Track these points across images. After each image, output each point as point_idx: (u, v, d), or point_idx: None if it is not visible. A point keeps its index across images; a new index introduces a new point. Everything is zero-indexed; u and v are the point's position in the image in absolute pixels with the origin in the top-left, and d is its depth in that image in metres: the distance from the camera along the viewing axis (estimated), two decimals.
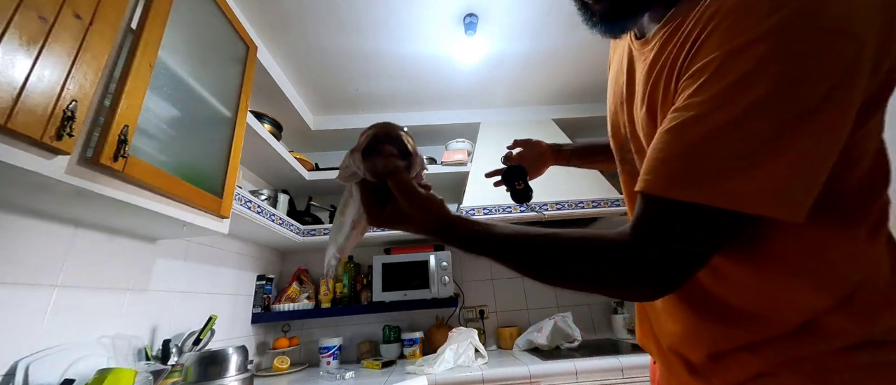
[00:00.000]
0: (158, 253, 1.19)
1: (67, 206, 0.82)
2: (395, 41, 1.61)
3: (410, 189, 0.45)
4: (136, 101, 0.77)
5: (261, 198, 1.59)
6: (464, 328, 1.61)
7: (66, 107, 0.62)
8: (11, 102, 0.55)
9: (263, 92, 1.70)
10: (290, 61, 1.69)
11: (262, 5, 1.39)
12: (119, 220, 0.95)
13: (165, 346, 1.09)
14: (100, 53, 0.70)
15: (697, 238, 0.35)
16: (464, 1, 1.44)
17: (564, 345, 1.66)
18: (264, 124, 1.57)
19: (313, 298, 1.89)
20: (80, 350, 0.87)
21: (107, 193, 0.73)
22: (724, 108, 0.33)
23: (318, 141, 2.20)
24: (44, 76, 0.60)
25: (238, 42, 1.26)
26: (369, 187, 0.47)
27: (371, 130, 0.46)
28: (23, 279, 0.80)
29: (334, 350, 1.72)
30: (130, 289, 1.07)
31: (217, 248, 1.49)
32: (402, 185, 0.45)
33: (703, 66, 0.36)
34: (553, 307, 2.02)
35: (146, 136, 0.83)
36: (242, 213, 1.29)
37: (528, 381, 1.33)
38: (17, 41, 0.57)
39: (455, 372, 1.37)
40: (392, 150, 0.46)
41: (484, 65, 1.81)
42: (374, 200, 0.47)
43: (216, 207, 1.02)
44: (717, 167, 0.33)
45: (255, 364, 1.70)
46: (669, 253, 0.36)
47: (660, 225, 0.37)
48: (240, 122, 1.18)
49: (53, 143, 0.60)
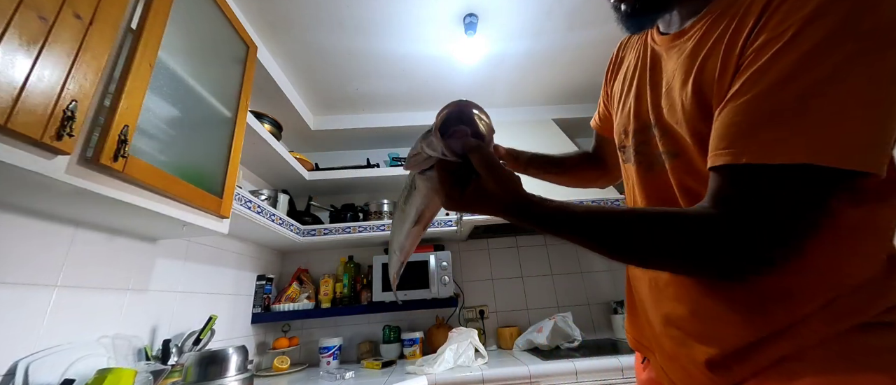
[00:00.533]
0: (158, 253, 1.19)
1: (67, 205, 0.82)
2: (395, 41, 1.61)
3: (495, 164, 0.44)
4: (136, 101, 0.77)
5: (261, 198, 1.59)
6: (464, 328, 1.61)
7: (66, 107, 0.62)
8: (11, 102, 0.55)
9: (263, 92, 1.70)
10: (290, 61, 1.69)
11: (262, 5, 1.39)
12: (119, 219, 0.95)
13: (165, 346, 1.09)
14: (100, 53, 0.70)
15: (806, 200, 0.34)
16: (464, 1, 1.44)
17: (564, 345, 1.66)
18: (264, 124, 1.57)
19: (313, 298, 1.89)
20: (80, 350, 0.87)
21: (107, 193, 0.73)
22: (811, 69, 0.33)
23: (318, 141, 2.20)
24: (44, 76, 0.60)
25: (238, 42, 1.26)
26: (447, 169, 0.46)
27: (445, 111, 0.44)
28: (23, 279, 0.80)
29: (334, 350, 1.72)
30: (130, 289, 1.07)
31: (217, 248, 1.49)
32: (487, 161, 0.44)
33: (777, 36, 0.35)
34: (553, 307, 2.02)
35: (146, 136, 0.83)
36: (242, 213, 1.29)
37: (528, 381, 1.33)
38: (17, 41, 0.57)
39: (455, 372, 1.37)
40: (467, 130, 0.45)
41: (484, 65, 1.81)
42: (453, 181, 0.46)
43: (216, 207, 1.02)
44: (814, 127, 0.32)
45: (255, 364, 1.70)
46: (777, 221, 0.34)
47: (760, 193, 0.35)
48: (240, 122, 1.18)
49: (53, 143, 0.60)
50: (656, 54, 0.54)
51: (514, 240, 2.17)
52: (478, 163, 0.44)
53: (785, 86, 0.34)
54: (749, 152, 0.35)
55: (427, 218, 0.52)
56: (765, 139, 0.34)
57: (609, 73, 0.72)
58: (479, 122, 0.46)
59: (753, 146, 0.35)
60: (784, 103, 0.34)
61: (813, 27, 0.33)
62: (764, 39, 0.36)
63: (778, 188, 0.34)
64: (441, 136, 0.44)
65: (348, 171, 2.01)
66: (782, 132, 0.34)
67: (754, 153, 0.35)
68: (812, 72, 0.33)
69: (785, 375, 0.39)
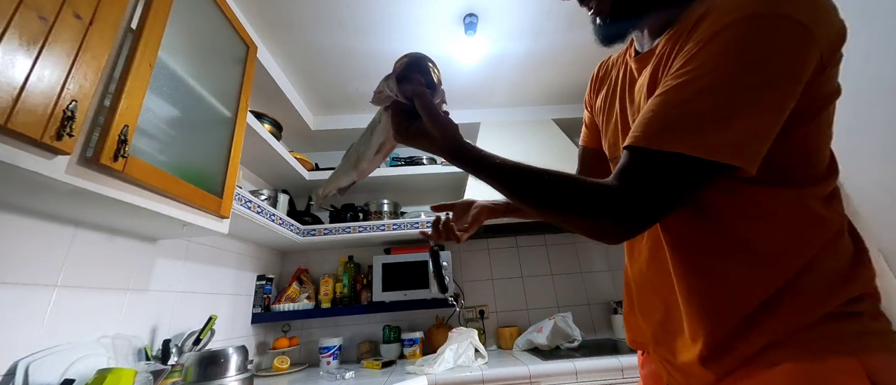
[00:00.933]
0: (158, 253, 1.19)
1: (67, 205, 0.82)
2: (395, 41, 1.61)
3: (434, 110, 0.53)
4: (136, 101, 0.77)
5: (261, 198, 1.59)
6: (464, 328, 1.61)
7: (66, 107, 0.62)
8: (11, 102, 0.55)
9: (263, 92, 1.70)
10: (290, 61, 1.69)
11: (262, 5, 1.39)
12: (119, 219, 0.95)
13: (165, 346, 1.09)
14: (100, 53, 0.70)
15: (678, 181, 0.42)
16: (464, 1, 1.44)
17: (564, 345, 1.66)
18: (264, 124, 1.57)
19: (313, 298, 1.89)
20: (80, 350, 0.87)
21: (107, 193, 0.73)
22: (699, 78, 0.41)
23: (318, 141, 2.20)
24: (44, 76, 0.60)
25: (238, 42, 1.26)
26: (400, 108, 0.55)
27: (405, 59, 0.54)
28: (23, 279, 0.80)
29: (334, 350, 1.72)
30: (130, 289, 1.07)
31: (217, 248, 1.49)
32: (428, 106, 0.52)
33: (688, 50, 0.44)
34: (553, 307, 2.02)
35: (146, 136, 0.83)
36: (242, 213, 1.29)
37: (528, 381, 1.33)
38: (17, 41, 0.57)
39: (455, 372, 1.37)
40: (420, 78, 0.54)
41: (484, 65, 1.81)
42: (402, 118, 0.55)
43: (216, 207, 1.02)
44: (693, 125, 0.41)
45: (255, 364, 1.70)
46: (653, 194, 0.43)
47: (646, 171, 0.43)
48: (240, 122, 1.18)
49: (53, 143, 0.60)
50: (632, 75, 0.61)
51: (514, 240, 2.17)
52: (420, 106, 0.52)
53: (678, 90, 0.42)
54: (645, 138, 0.43)
55: (387, 149, 0.61)
56: (656, 129, 0.43)
57: (592, 87, 0.77)
58: (431, 73, 0.54)
59: (649, 134, 0.43)
60: (673, 103, 0.42)
61: (711, 43, 0.41)
62: (682, 53, 0.45)
63: (659, 168, 0.42)
64: (397, 82, 0.53)
65: None
66: (669, 126, 0.42)
67: (648, 140, 0.43)
68: (699, 80, 0.41)
69: (767, 362, 0.44)
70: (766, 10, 0.39)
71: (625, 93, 0.62)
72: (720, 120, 0.40)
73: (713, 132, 0.40)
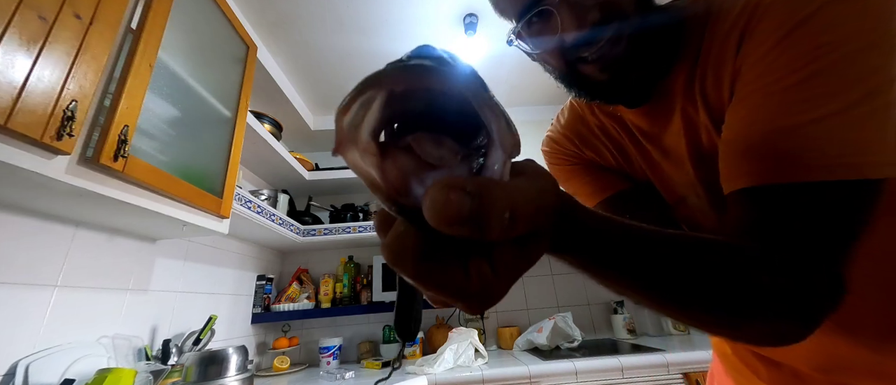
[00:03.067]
0: (158, 253, 1.19)
1: (67, 205, 0.82)
2: (395, 41, 1.61)
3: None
4: (136, 101, 0.77)
5: (261, 198, 1.59)
6: (464, 328, 1.61)
7: (66, 107, 0.62)
8: (11, 102, 0.55)
9: (263, 92, 1.70)
10: (290, 61, 1.69)
11: (262, 5, 1.39)
12: (119, 219, 0.95)
13: (165, 346, 1.09)
14: (100, 53, 0.70)
15: (852, 218, 0.30)
16: (464, 1, 1.44)
17: (564, 345, 1.66)
18: (264, 124, 1.57)
19: (313, 298, 1.89)
20: (80, 350, 0.87)
21: (107, 193, 0.73)
22: (818, 78, 0.30)
23: (318, 141, 2.20)
24: (44, 76, 0.60)
25: (238, 42, 1.26)
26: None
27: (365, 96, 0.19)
28: (23, 279, 0.80)
29: (334, 350, 1.72)
30: (130, 289, 1.07)
31: (217, 248, 1.49)
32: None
33: (769, 49, 0.33)
34: (553, 307, 2.02)
35: (146, 136, 0.83)
36: (242, 213, 1.29)
37: (528, 381, 1.33)
38: (17, 41, 0.57)
39: (455, 372, 1.37)
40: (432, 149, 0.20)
41: (484, 65, 1.81)
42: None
43: (216, 207, 1.02)
44: (850, 139, 0.29)
45: (255, 364, 1.70)
46: (822, 246, 0.30)
47: (804, 213, 0.30)
48: (240, 122, 1.18)
49: (53, 143, 0.60)
50: (635, 128, 0.50)
51: None
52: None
53: (793, 99, 0.32)
54: (783, 170, 0.31)
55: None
56: (793, 156, 0.31)
57: (572, 148, 0.62)
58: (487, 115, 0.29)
59: (787, 164, 0.31)
60: (800, 119, 0.31)
61: (809, 30, 0.31)
62: (756, 56, 0.34)
63: (820, 205, 0.30)
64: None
65: (348, 171, 2.00)
66: (814, 147, 0.30)
67: (791, 171, 0.31)
68: (819, 81, 0.31)
69: None
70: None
71: (651, 146, 0.50)
72: (874, 125, 0.30)
73: (874, 143, 0.29)
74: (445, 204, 0.16)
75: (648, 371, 1.33)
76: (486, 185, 0.16)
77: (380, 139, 0.20)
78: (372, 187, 0.19)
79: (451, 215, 0.16)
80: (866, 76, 0.29)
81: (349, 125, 0.18)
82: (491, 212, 0.16)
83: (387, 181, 0.19)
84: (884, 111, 0.29)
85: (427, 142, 0.20)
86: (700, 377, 1.30)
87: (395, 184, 0.19)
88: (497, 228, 0.17)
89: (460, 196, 0.16)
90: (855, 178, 0.29)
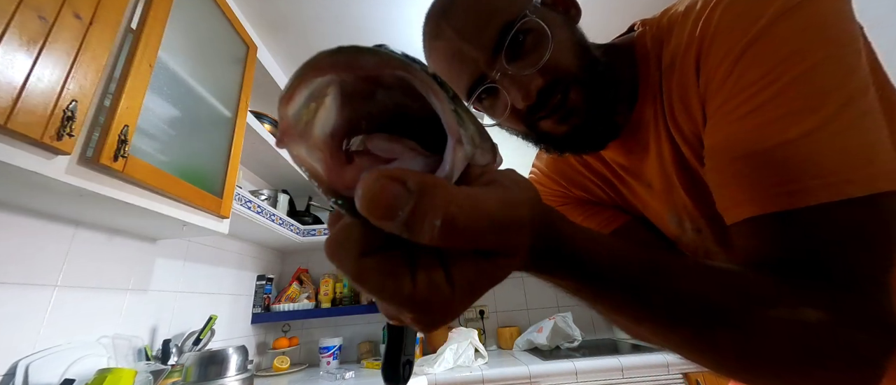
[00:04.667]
0: (158, 253, 1.19)
1: (67, 205, 0.82)
2: (395, 41, 1.61)
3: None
4: (136, 101, 0.77)
5: (261, 198, 1.59)
6: (464, 328, 1.61)
7: (66, 107, 0.62)
8: (11, 102, 0.55)
9: (263, 92, 1.70)
10: (290, 61, 1.69)
11: (262, 5, 1.39)
12: (119, 219, 0.95)
13: (165, 346, 1.09)
14: (100, 53, 0.70)
15: (890, 237, 0.27)
16: None
17: (564, 345, 1.66)
18: (264, 124, 1.57)
19: (313, 298, 1.89)
20: (80, 350, 0.87)
21: (107, 193, 0.73)
22: (791, 89, 0.29)
23: None
24: (44, 76, 0.60)
25: (238, 42, 1.26)
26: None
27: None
28: (23, 279, 0.80)
29: (334, 350, 1.72)
30: (130, 289, 1.07)
31: (217, 248, 1.49)
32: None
33: (729, 72, 0.31)
34: (553, 307, 2.02)
35: (146, 136, 0.83)
36: (242, 213, 1.29)
37: (528, 381, 1.33)
38: (17, 41, 0.57)
39: (455, 372, 1.37)
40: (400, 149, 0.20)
41: None
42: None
43: (216, 207, 1.02)
44: (862, 152, 0.27)
45: (255, 364, 1.70)
46: (863, 271, 0.26)
47: (837, 235, 0.27)
48: (240, 122, 1.18)
49: (53, 143, 0.60)
50: (617, 167, 0.50)
51: None
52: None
53: (786, 121, 0.30)
54: (805, 193, 0.28)
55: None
56: (808, 178, 0.28)
57: (561, 190, 0.60)
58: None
59: (811, 187, 0.28)
60: (806, 141, 0.29)
61: (770, 46, 0.30)
62: (723, 81, 0.32)
63: (853, 226, 0.27)
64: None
65: None
66: (828, 167, 0.28)
67: (814, 193, 0.28)
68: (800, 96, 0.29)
69: None
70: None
71: (633, 181, 0.50)
72: (874, 136, 0.28)
73: (880, 154, 0.28)
74: (379, 193, 0.15)
75: (648, 371, 1.33)
76: (427, 184, 0.15)
77: (350, 146, 0.19)
78: (312, 177, 0.18)
79: (382, 207, 0.15)
80: (839, 86, 0.28)
81: (295, 117, 0.17)
82: (421, 214, 0.15)
83: (329, 171, 0.18)
84: (869, 117, 0.28)
85: (381, 138, 0.19)
86: (700, 377, 1.30)
87: (349, 184, 0.18)
88: (426, 234, 0.15)
89: (398, 188, 0.15)
90: (867, 194, 0.26)
